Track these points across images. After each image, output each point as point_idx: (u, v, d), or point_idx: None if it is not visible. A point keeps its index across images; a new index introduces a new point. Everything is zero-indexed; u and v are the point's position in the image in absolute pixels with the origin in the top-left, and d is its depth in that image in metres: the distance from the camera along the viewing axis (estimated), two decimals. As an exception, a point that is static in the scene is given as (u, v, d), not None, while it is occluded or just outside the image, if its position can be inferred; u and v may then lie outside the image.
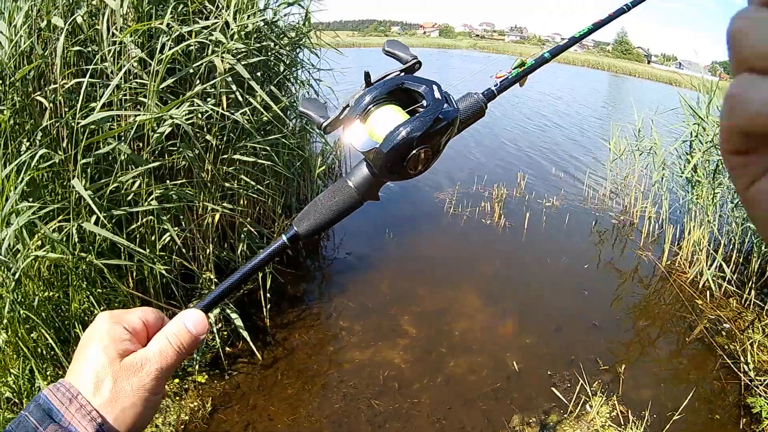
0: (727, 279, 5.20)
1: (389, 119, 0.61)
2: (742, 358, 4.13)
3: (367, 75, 0.64)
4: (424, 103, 0.62)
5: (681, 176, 6.04)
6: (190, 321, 0.61)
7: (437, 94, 0.62)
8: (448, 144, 0.65)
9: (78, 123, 2.70)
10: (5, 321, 2.60)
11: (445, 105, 0.61)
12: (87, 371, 0.55)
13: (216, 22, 3.45)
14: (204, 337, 0.62)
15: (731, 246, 5.55)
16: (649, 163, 6.88)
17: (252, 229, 4.03)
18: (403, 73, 0.68)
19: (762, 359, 4.15)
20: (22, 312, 2.61)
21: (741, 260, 5.48)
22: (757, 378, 3.88)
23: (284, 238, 0.66)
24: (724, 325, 4.69)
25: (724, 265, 5.19)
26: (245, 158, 3.75)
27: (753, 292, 4.99)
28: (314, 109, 0.69)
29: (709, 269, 5.24)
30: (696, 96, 5.90)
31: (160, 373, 0.57)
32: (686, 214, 5.90)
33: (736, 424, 3.56)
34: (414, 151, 0.59)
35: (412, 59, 0.70)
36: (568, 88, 28.40)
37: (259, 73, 4.10)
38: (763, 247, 5.14)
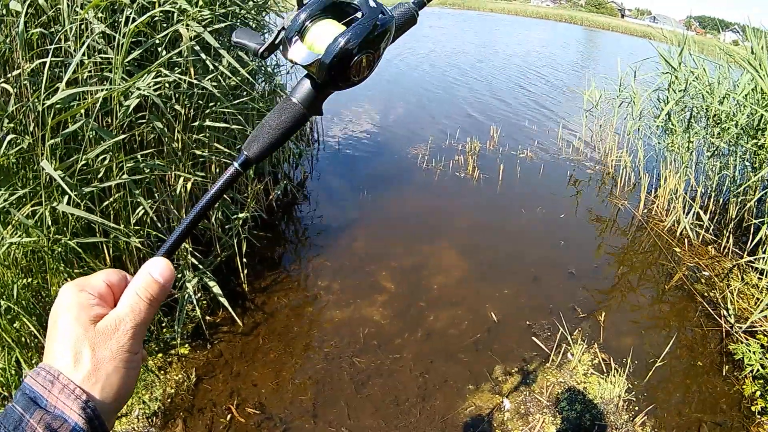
0: (704, 227, 5.26)
1: (327, 32, 0.62)
2: (722, 305, 4.19)
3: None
4: (360, 14, 0.63)
5: (655, 125, 6.06)
6: (156, 270, 0.59)
7: (372, 3, 0.63)
8: (384, 54, 0.67)
9: (44, 104, 2.66)
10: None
11: (381, 14, 0.62)
12: (63, 347, 0.53)
13: (180, -11, 3.39)
14: (172, 283, 0.61)
15: (708, 194, 5.61)
16: (625, 113, 6.90)
17: (225, 195, 4.00)
18: None
19: (742, 306, 4.21)
20: (2, 302, 2.59)
21: (718, 208, 5.54)
22: (738, 326, 3.94)
23: (236, 165, 0.66)
24: (703, 272, 4.75)
25: (702, 213, 5.25)
26: (215, 124, 3.71)
27: (731, 239, 5.05)
28: (248, 38, 0.70)
29: (686, 217, 5.29)
30: (674, 49, 5.90)
31: (136, 330, 0.56)
32: (662, 162, 5.94)
33: (719, 370, 3.64)
34: (356, 58, 0.60)
35: None
36: (541, 41, 28.30)
37: (225, 39, 4.05)
38: (739, 196, 5.20)
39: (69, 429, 0.49)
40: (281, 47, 0.65)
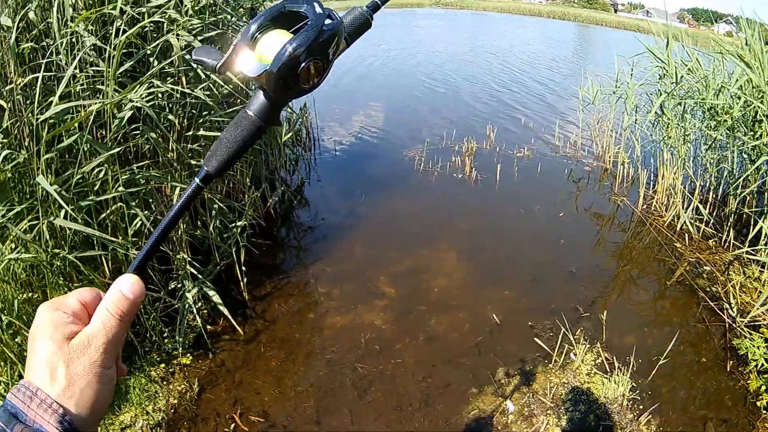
0: (704, 221, 5.25)
1: (276, 42, 0.62)
2: (724, 300, 4.18)
3: (252, 9, 0.64)
4: (308, 21, 0.62)
5: (647, 118, 6.05)
6: (125, 287, 0.61)
7: (318, 9, 0.63)
8: (338, 57, 0.68)
9: (37, 119, 2.65)
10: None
11: (328, 19, 0.62)
12: (40, 364, 0.55)
13: (169, 0, 3.38)
14: (142, 298, 0.62)
15: (707, 187, 5.60)
16: (622, 108, 6.88)
17: (222, 205, 3.99)
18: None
19: (744, 300, 4.20)
20: (4, 317, 2.59)
21: (717, 202, 5.53)
22: (740, 319, 3.92)
23: (197, 180, 0.66)
24: (705, 267, 4.74)
25: (701, 207, 5.25)
26: (209, 133, 3.71)
27: (732, 232, 5.03)
28: (206, 55, 0.69)
29: (685, 212, 5.28)
30: (662, 41, 5.90)
31: (108, 345, 0.58)
32: (659, 156, 5.93)
33: (723, 366, 3.63)
34: (303, 65, 0.60)
35: None
36: (535, 39, 28.28)
37: (217, 47, 4.04)
38: (738, 189, 5.18)
39: None
40: (229, 58, 0.65)
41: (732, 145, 5.33)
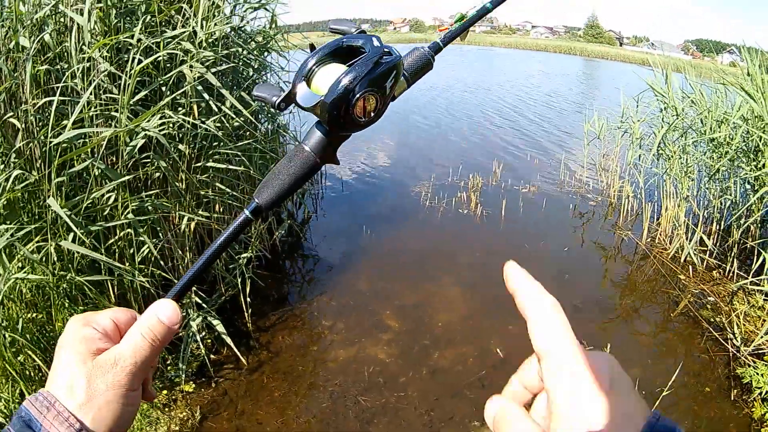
0: (708, 251, 5.25)
1: (332, 73, 0.61)
2: (728, 329, 4.17)
3: (311, 46, 0.65)
4: (365, 54, 0.62)
5: (650, 152, 6.08)
6: (162, 312, 0.59)
7: (376, 43, 0.62)
8: (399, 96, 0.68)
9: (50, 142, 2.70)
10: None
11: (386, 56, 0.62)
12: (61, 376, 0.54)
13: (184, 32, 3.45)
14: (178, 326, 0.60)
15: (710, 219, 5.61)
16: (627, 143, 6.92)
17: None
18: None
19: (748, 329, 4.19)
20: (7, 335, 2.60)
21: (721, 232, 5.53)
22: (744, 348, 3.92)
23: (246, 212, 0.64)
24: (709, 298, 4.74)
25: (705, 238, 5.24)
26: (218, 165, 3.75)
27: (735, 262, 5.03)
28: (267, 91, 0.68)
29: (689, 243, 5.28)
30: (661, 75, 5.96)
31: (135, 368, 0.56)
32: (662, 189, 5.95)
33: (727, 395, 3.61)
34: (357, 96, 0.59)
35: (357, 29, 0.69)
36: (541, 73, 28.46)
37: (228, 79, 4.10)
38: (742, 219, 5.19)
39: None
40: (291, 92, 0.64)
41: (734, 175, 5.35)
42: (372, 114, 0.63)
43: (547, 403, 0.44)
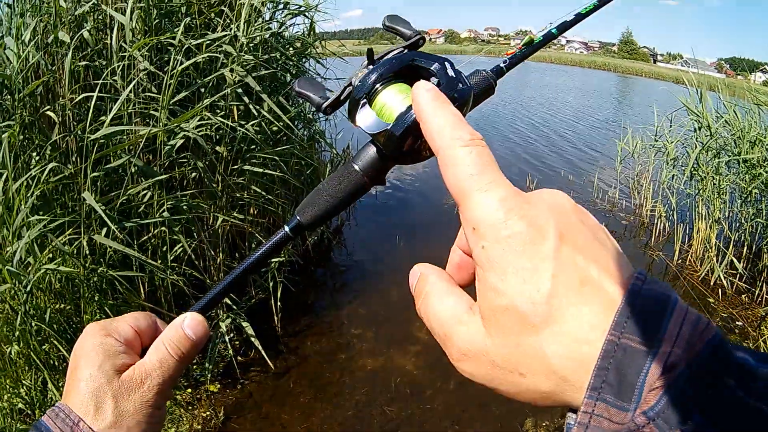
0: (738, 275, 5.17)
1: (399, 99, 0.56)
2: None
3: (370, 52, 0.59)
4: (434, 80, 0.55)
5: (684, 173, 6.01)
6: (189, 326, 0.57)
7: (451, 73, 0.56)
8: None
9: (87, 137, 2.72)
10: (17, 333, 2.61)
11: (460, 84, 0.56)
12: (85, 393, 0.51)
13: (226, 34, 3.47)
14: (205, 341, 0.58)
15: (741, 242, 5.53)
16: (661, 162, 6.85)
17: (262, 239, 4.03)
18: (406, 50, 0.63)
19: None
20: (34, 324, 2.63)
21: (752, 257, 5.45)
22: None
23: (286, 228, 0.60)
24: (737, 322, 4.66)
25: (736, 261, 5.16)
26: (255, 169, 3.77)
27: (765, 287, 4.95)
28: (312, 90, 0.64)
29: (720, 266, 5.21)
30: (695, 93, 5.90)
31: (163, 386, 0.54)
32: (694, 210, 5.88)
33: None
34: None
35: (416, 35, 0.66)
36: (576, 89, 28.32)
37: (266, 84, 4.12)
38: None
39: None
40: (349, 107, 0.58)
41: (767, 198, 5.27)
42: None
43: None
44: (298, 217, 0.61)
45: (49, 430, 0.49)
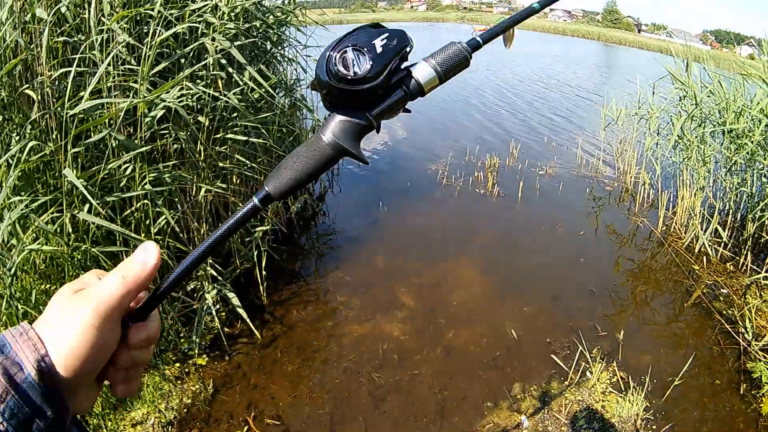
0: (723, 243, 5.21)
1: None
2: (740, 323, 4.14)
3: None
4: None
5: (669, 141, 6.02)
6: (138, 253, 0.59)
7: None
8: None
9: (67, 113, 2.68)
10: (4, 318, 2.58)
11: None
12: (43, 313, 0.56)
13: (206, 4, 3.42)
14: (154, 268, 0.58)
15: (726, 210, 5.56)
16: (644, 129, 6.87)
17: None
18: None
19: (760, 324, 4.16)
20: (20, 307, 2.60)
21: (736, 225, 5.48)
22: (755, 343, 3.89)
23: (255, 200, 0.61)
24: (722, 290, 4.70)
25: (720, 230, 5.19)
26: (237, 137, 3.73)
27: (749, 256, 4.99)
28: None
29: (704, 234, 5.24)
30: (682, 63, 5.89)
31: (100, 301, 0.55)
32: (679, 178, 5.90)
33: (737, 389, 3.58)
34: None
35: None
36: (559, 58, 28.27)
37: (247, 52, 4.08)
38: (757, 213, 5.13)
39: (23, 378, 0.50)
40: None
41: (751, 168, 5.29)
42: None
43: None
44: (266, 188, 0.62)
45: (3, 338, 0.53)
